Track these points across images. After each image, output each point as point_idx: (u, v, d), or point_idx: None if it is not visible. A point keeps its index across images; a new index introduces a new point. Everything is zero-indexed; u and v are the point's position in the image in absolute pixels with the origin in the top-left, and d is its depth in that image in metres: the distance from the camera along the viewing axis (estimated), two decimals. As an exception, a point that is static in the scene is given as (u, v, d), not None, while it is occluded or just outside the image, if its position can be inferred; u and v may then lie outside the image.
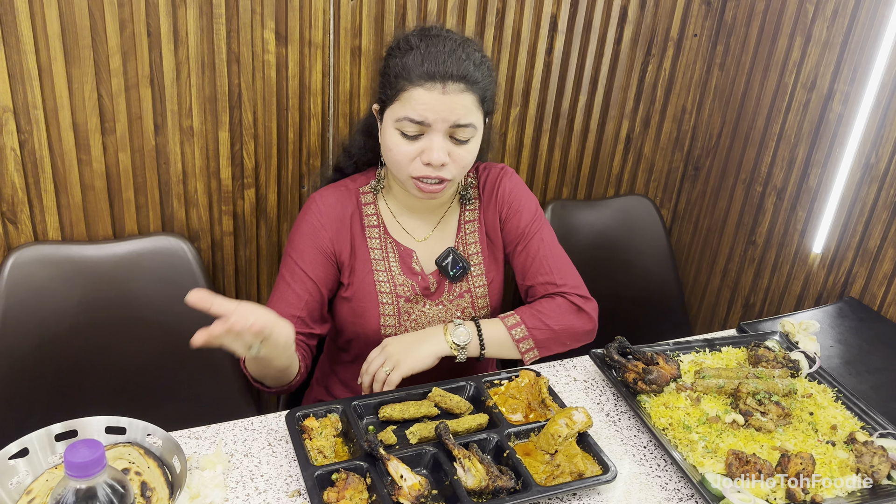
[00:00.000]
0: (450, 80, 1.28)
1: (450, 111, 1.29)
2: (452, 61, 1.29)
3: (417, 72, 1.28)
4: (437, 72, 1.27)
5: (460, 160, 1.34)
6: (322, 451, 1.16)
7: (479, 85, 1.32)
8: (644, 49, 2.04)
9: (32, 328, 1.58)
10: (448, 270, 1.48)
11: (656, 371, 1.35)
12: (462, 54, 1.31)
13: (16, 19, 1.42)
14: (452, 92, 1.28)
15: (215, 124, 1.67)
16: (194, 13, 1.55)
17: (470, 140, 1.34)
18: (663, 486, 1.19)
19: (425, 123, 1.29)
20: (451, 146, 1.32)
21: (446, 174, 1.33)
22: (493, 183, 1.53)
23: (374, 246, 1.46)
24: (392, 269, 1.46)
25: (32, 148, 1.53)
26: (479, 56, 1.34)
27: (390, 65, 1.34)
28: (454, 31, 1.40)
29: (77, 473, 0.76)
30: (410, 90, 1.29)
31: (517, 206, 1.52)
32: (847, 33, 1.73)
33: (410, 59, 1.30)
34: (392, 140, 1.33)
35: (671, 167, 2.28)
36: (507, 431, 1.21)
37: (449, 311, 1.49)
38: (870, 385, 1.47)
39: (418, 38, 1.33)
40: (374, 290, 1.45)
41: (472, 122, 1.32)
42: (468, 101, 1.31)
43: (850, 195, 1.76)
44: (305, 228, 1.43)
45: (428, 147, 1.31)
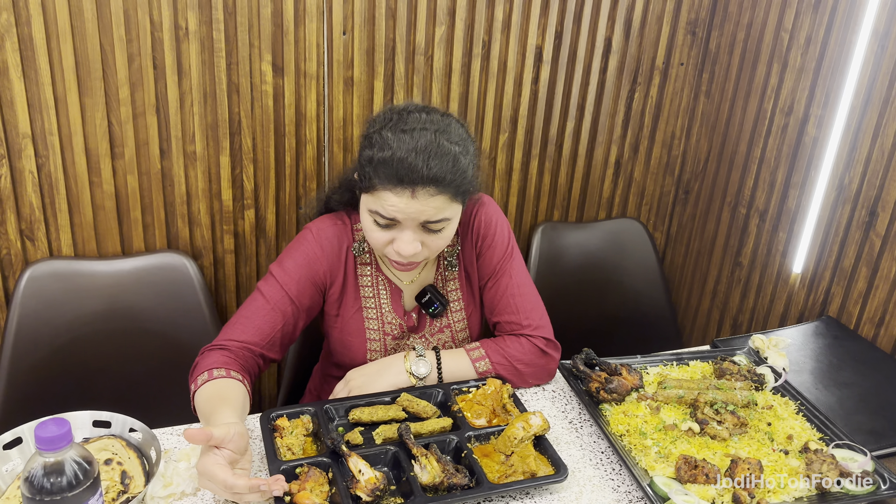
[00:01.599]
0: (419, 184, 1.25)
1: (419, 213, 1.28)
2: (423, 166, 1.25)
3: (387, 174, 1.26)
4: (406, 177, 1.25)
5: (434, 245, 1.36)
6: (291, 449, 1.24)
7: (453, 184, 1.29)
8: (630, 77, 2.12)
9: (45, 336, 1.70)
10: (427, 308, 1.52)
11: (617, 381, 1.41)
12: (433, 152, 1.26)
13: (34, 54, 1.57)
14: (422, 196, 1.27)
15: (217, 149, 1.80)
16: (196, 47, 1.69)
17: (444, 229, 1.34)
18: (615, 488, 1.25)
19: (395, 220, 1.30)
20: (423, 235, 1.33)
21: (418, 258, 1.36)
22: (469, 215, 1.52)
23: (366, 283, 1.50)
24: (382, 307, 1.50)
25: (49, 171, 1.68)
26: (452, 148, 1.29)
27: (364, 155, 1.32)
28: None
29: (45, 447, 0.86)
30: (381, 190, 1.28)
31: (490, 240, 1.51)
32: (819, 59, 1.79)
33: (382, 159, 1.27)
34: (367, 223, 1.35)
35: (662, 191, 2.34)
36: (467, 434, 1.28)
37: (430, 346, 1.55)
38: (836, 398, 1.50)
39: (392, 133, 1.29)
40: (361, 326, 1.50)
41: (444, 217, 1.31)
42: (439, 202, 1.29)
43: (825, 216, 1.81)
44: (300, 257, 1.44)
45: (399, 238, 1.32)
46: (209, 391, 1.27)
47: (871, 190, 1.68)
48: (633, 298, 2.26)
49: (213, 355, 1.35)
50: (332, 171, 1.92)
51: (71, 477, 0.88)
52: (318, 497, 1.12)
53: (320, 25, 1.77)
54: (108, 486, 1.11)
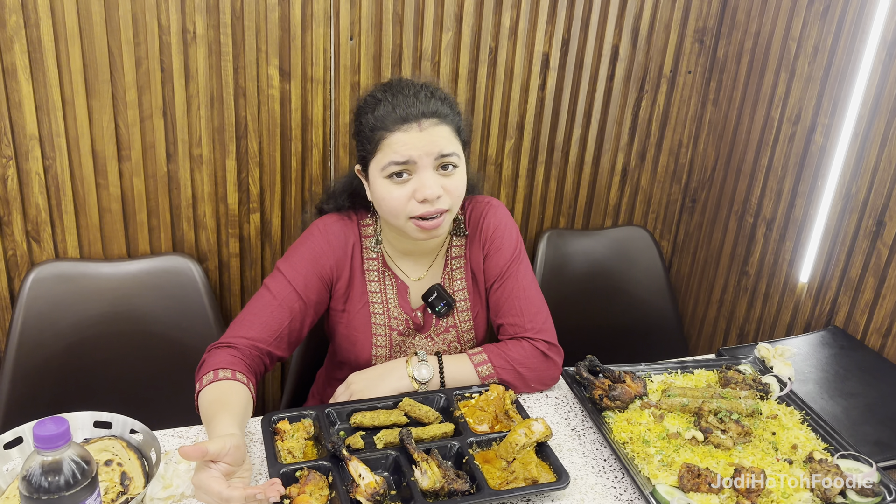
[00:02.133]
0: (423, 117, 1.34)
1: (431, 144, 1.34)
2: (420, 101, 1.35)
3: (391, 119, 1.34)
4: (409, 114, 1.33)
5: (454, 190, 1.38)
6: (291, 452, 1.24)
7: (450, 117, 1.38)
8: (637, 85, 2.12)
9: (50, 338, 1.71)
10: (434, 307, 1.53)
11: (621, 388, 1.40)
12: (425, 94, 1.37)
13: (43, 56, 1.58)
14: (428, 127, 1.34)
15: (223, 153, 1.80)
16: (204, 51, 1.69)
17: (457, 169, 1.39)
18: (617, 496, 1.24)
19: (410, 162, 1.34)
20: (441, 179, 1.37)
21: (443, 205, 1.37)
22: (479, 218, 1.55)
23: (372, 279, 1.51)
24: (388, 302, 1.51)
25: (55, 173, 1.68)
26: (441, 93, 1.41)
27: (363, 122, 1.39)
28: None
29: (44, 445, 0.86)
30: (389, 137, 1.34)
31: (499, 243, 1.54)
32: (827, 68, 1.79)
33: (382, 111, 1.35)
34: (383, 190, 1.37)
35: (669, 199, 2.33)
36: (469, 440, 1.28)
37: (436, 345, 1.55)
38: (841, 409, 1.49)
39: (382, 92, 1.39)
40: (368, 322, 1.51)
41: (453, 150, 1.37)
42: (444, 131, 1.36)
43: (832, 225, 1.80)
44: (307, 252, 1.46)
45: (420, 185, 1.35)
46: (212, 394, 1.27)
47: (878, 199, 1.67)
48: (639, 307, 2.25)
49: (220, 354, 1.35)
50: (337, 175, 1.92)
51: (69, 476, 0.88)
52: (317, 501, 1.12)
53: (327, 30, 1.78)
54: (108, 487, 1.11)
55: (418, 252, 1.53)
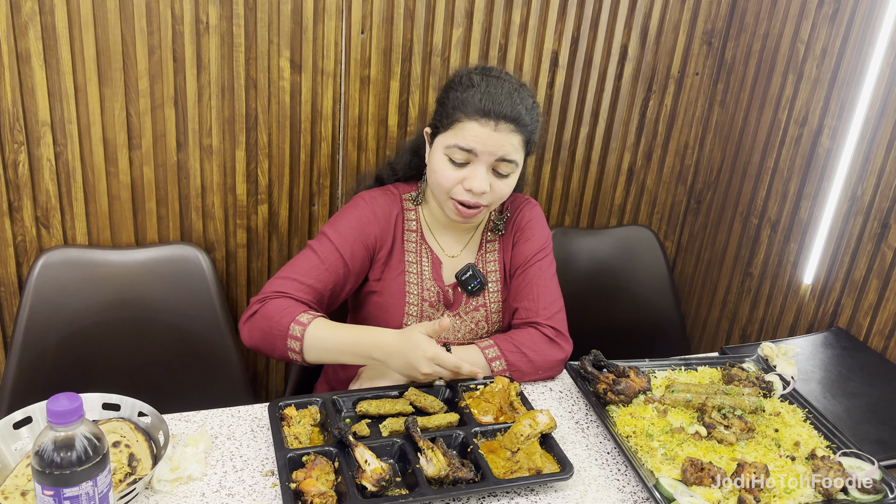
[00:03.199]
0: (502, 119, 1.40)
1: (497, 146, 1.41)
2: (508, 103, 1.41)
3: (474, 107, 1.40)
4: (492, 110, 1.40)
5: (498, 191, 1.46)
6: (298, 438, 1.25)
7: (528, 128, 1.45)
8: (645, 85, 2.13)
9: (57, 323, 1.72)
10: (466, 285, 1.58)
11: (625, 382, 1.41)
12: (517, 98, 1.43)
13: (57, 43, 1.59)
14: (503, 130, 1.41)
15: (233, 144, 1.81)
16: (216, 42, 1.71)
17: (510, 175, 1.47)
18: (620, 488, 1.24)
19: (473, 153, 1.41)
20: (492, 178, 1.44)
21: (484, 201, 1.46)
22: (515, 210, 1.65)
23: (410, 249, 1.57)
24: (423, 273, 1.57)
25: (66, 160, 1.69)
26: (531, 101, 1.47)
27: (450, 97, 1.45)
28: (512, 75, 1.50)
29: (57, 420, 0.87)
30: (465, 122, 1.41)
31: (529, 233, 1.62)
32: (835, 71, 1.80)
33: (470, 95, 1.42)
34: (439, 163, 1.45)
35: (675, 200, 2.34)
36: (474, 430, 1.29)
37: (464, 323, 1.59)
38: (844, 408, 1.49)
39: (480, 77, 1.45)
40: (402, 290, 1.55)
41: (515, 159, 1.45)
42: (515, 140, 1.43)
43: (837, 227, 1.81)
44: (353, 220, 1.53)
45: (471, 175, 1.43)
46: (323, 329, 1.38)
47: (883, 202, 1.68)
48: (643, 306, 2.26)
49: (281, 305, 1.41)
50: (345, 169, 1.93)
51: (81, 452, 0.88)
52: (323, 485, 1.13)
53: (339, 24, 1.79)
54: (116, 468, 1.12)
55: (455, 228, 1.60)
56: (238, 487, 1.15)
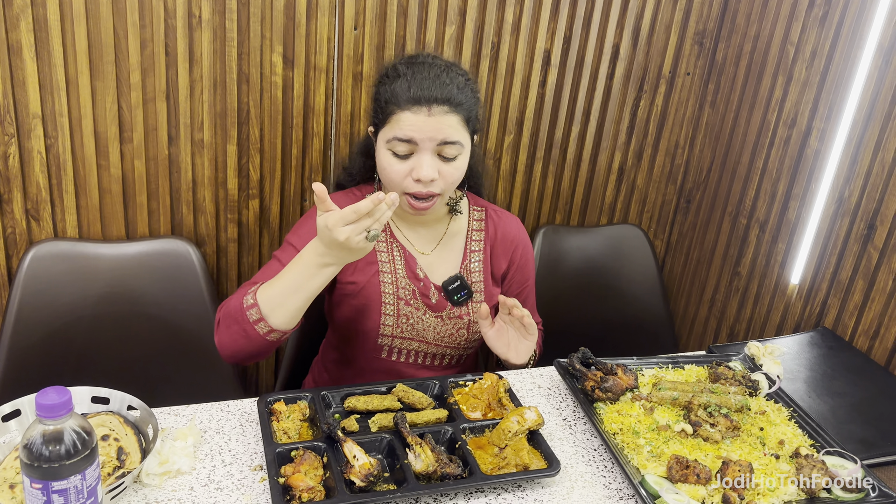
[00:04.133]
0: (434, 102, 1.39)
1: (436, 131, 1.39)
2: (437, 86, 1.39)
3: (404, 97, 1.39)
4: (422, 96, 1.38)
5: (448, 176, 1.44)
6: (287, 433, 1.25)
7: (464, 106, 1.42)
8: (636, 85, 2.14)
9: (46, 317, 1.72)
10: (453, 295, 1.57)
11: (612, 380, 1.42)
12: (446, 79, 1.41)
13: (48, 35, 1.59)
14: (437, 114, 1.39)
15: (224, 138, 1.81)
16: (209, 36, 1.71)
17: (457, 157, 1.44)
18: (606, 485, 1.26)
19: (413, 142, 1.40)
20: (439, 164, 1.42)
21: (435, 189, 1.43)
22: (509, 233, 1.65)
23: (381, 248, 1.56)
24: (397, 272, 1.55)
25: (57, 152, 1.69)
26: (462, 80, 1.44)
27: (380, 91, 1.45)
28: (440, 56, 1.51)
29: (46, 414, 0.87)
30: (398, 113, 1.40)
31: (524, 262, 1.68)
32: (824, 73, 1.81)
33: (398, 86, 1.41)
34: (385, 160, 1.44)
35: (664, 199, 2.35)
36: (462, 426, 1.29)
37: (445, 326, 1.58)
38: (828, 407, 1.51)
39: (405, 66, 1.44)
40: (378, 290, 1.54)
41: (457, 139, 1.42)
42: (453, 121, 1.41)
43: (825, 228, 1.82)
44: (314, 225, 1.46)
45: (417, 164, 1.41)
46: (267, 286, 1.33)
47: (870, 203, 1.70)
48: (632, 305, 2.27)
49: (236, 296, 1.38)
50: (337, 164, 1.94)
51: (69, 446, 0.89)
52: (312, 480, 1.13)
53: (332, 19, 1.79)
54: (104, 462, 1.12)
55: (420, 223, 1.58)
56: (227, 482, 1.16)
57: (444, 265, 1.59)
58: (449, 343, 1.59)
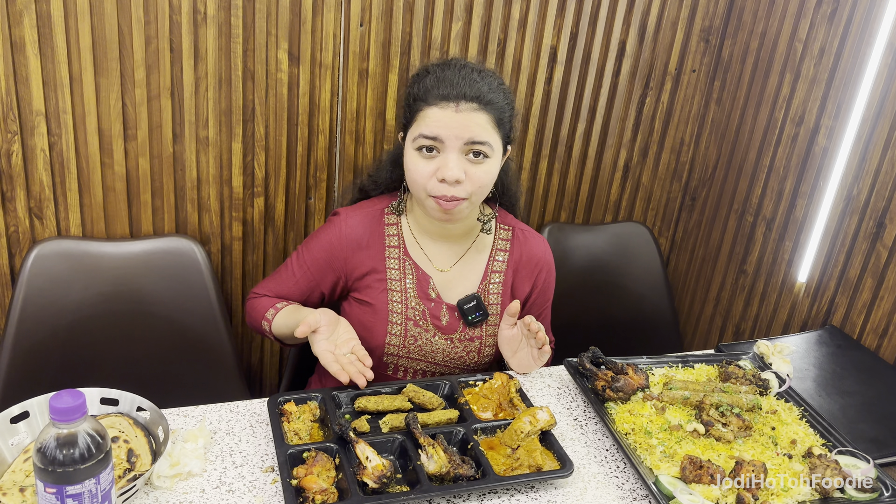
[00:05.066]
0: (462, 99, 1.35)
1: (463, 128, 1.35)
2: (466, 83, 1.36)
3: (433, 93, 1.37)
4: (450, 93, 1.35)
5: (477, 179, 1.39)
6: (298, 434, 1.24)
7: (494, 105, 1.38)
8: (642, 82, 2.13)
9: (50, 316, 1.70)
10: (468, 315, 1.53)
11: (623, 380, 1.41)
12: (477, 78, 1.38)
13: (52, 31, 1.57)
14: (465, 110, 1.35)
15: (229, 136, 1.80)
16: (214, 32, 1.69)
17: (486, 160, 1.39)
18: (619, 486, 1.25)
19: (439, 139, 1.36)
20: (467, 165, 1.37)
21: (461, 192, 1.38)
22: (535, 255, 1.60)
23: (392, 266, 1.51)
24: (407, 291, 1.51)
25: (61, 150, 1.67)
26: (495, 83, 1.41)
27: (409, 91, 1.43)
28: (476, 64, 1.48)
29: (60, 418, 0.86)
30: (426, 110, 1.37)
31: (547, 286, 1.64)
32: (832, 70, 1.80)
33: (427, 83, 1.39)
34: (411, 160, 1.40)
35: (669, 197, 2.35)
36: (474, 426, 1.28)
37: (455, 348, 1.54)
38: (839, 406, 1.51)
39: (436, 66, 1.43)
40: (385, 309, 1.50)
41: (486, 139, 1.37)
42: (481, 119, 1.37)
43: (833, 226, 1.82)
44: (324, 243, 1.53)
45: (443, 164, 1.36)
46: (284, 314, 1.49)
47: (879, 201, 1.69)
48: (636, 303, 2.27)
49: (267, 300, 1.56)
50: (343, 162, 1.92)
51: (83, 449, 0.88)
52: (324, 482, 1.12)
53: (338, 16, 1.77)
54: (115, 464, 1.11)
55: (444, 236, 1.53)
56: (238, 483, 1.15)
57: (462, 283, 1.55)
58: (458, 364, 1.56)
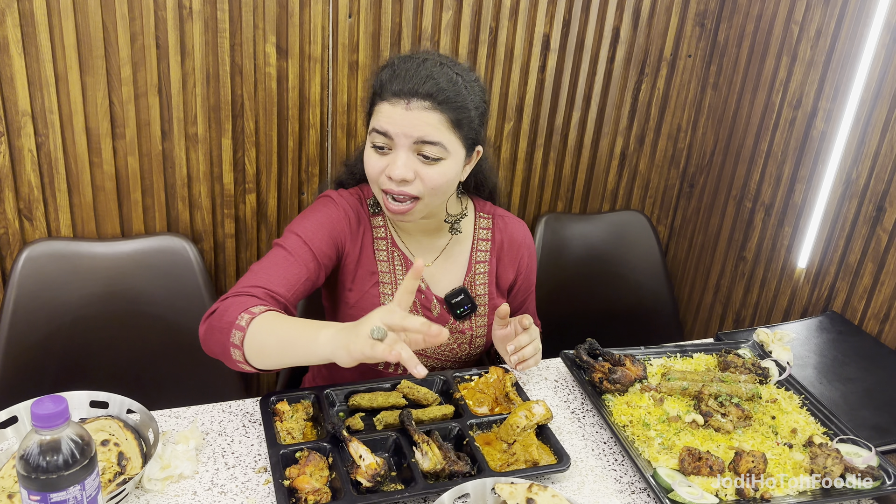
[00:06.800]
0: (414, 97, 1.29)
1: (412, 127, 1.29)
2: (419, 80, 1.29)
3: (387, 88, 1.31)
4: (402, 89, 1.29)
5: (429, 180, 1.32)
6: (291, 433, 1.23)
7: (450, 105, 1.30)
8: (637, 68, 2.10)
9: (42, 318, 1.68)
10: (456, 308, 1.50)
11: (621, 371, 1.39)
12: (437, 74, 1.31)
13: (35, 30, 1.55)
14: (416, 108, 1.29)
15: (219, 132, 1.77)
16: (200, 27, 1.66)
17: (440, 161, 1.32)
18: (618, 479, 1.23)
19: (388, 136, 1.31)
20: (417, 164, 1.32)
21: (411, 190, 1.33)
22: (516, 238, 1.57)
23: (382, 258, 1.48)
24: (398, 283, 1.48)
25: (48, 150, 1.65)
26: (459, 79, 1.33)
27: (373, 84, 1.38)
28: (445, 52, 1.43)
29: (42, 424, 0.84)
30: (380, 105, 1.33)
31: (529, 269, 1.62)
32: (829, 52, 1.77)
33: (385, 77, 1.33)
34: (367, 155, 1.36)
35: (667, 184, 2.32)
36: (469, 422, 1.27)
37: (447, 341, 1.52)
38: (840, 393, 1.49)
39: (399, 59, 1.36)
40: (377, 302, 1.47)
41: (438, 140, 1.30)
42: (433, 119, 1.30)
43: (832, 211, 1.79)
44: (324, 217, 1.42)
45: (392, 162, 1.32)
46: (267, 323, 1.16)
47: (878, 185, 1.67)
48: (636, 292, 2.25)
49: (240, 300, 1.23)
50: (335, 156, 1.90)
51: (67, 456, 0.86)
52: (317, 482, 1.11)
53: (326, 8, 1.75)
54: (105, 468, 1.10)
55: (422, 232, 1.51)
56: (230, 485, 1.13)
57: (446, 276, 1.53)
58: (449, 357, 1.54)
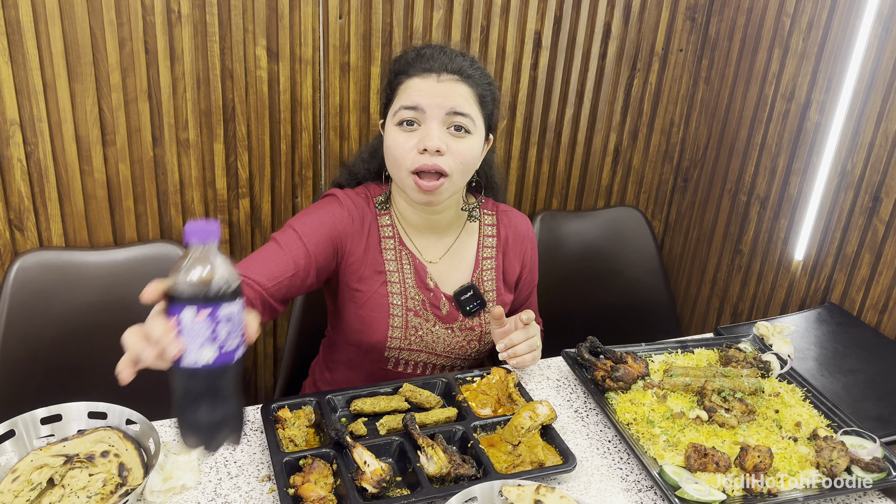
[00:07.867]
0: (444, 71, 1.36)
1: (444, 97, 1.33)
2: (447, 58, 1.37)
3: (415, 66, 1.37)
4: (432, 66, 1.36)
5: (459, 154, 1.35)
6: (293, 440, 1.21)
7: (475, 80, 1.38)
8: (629, 64, 2.10)
9: (35, 329, 1.66)
10: (465, 305, 1.50)
11: (623, 368, 1.39)
12: (457, 54, 1.39)
13: (22, 38, 1.52)
14: (447, 80, 1.36)
15: (210, 137, 1.76)
16: (189, 31, 1.64)
17: (468, 136, 1.36)
18: (624, 477, 1.23)
19: (420, 109, 1.33)
20: (448, 138, 1.34)
21: (443, 164, 1.33)
22: (520, 231, 1.59)
23: (389, 257, 1.48)
24: (406, 282, 1.48)
25: (38, 159, 1.63)
26: (475, 61, 1.42)
27: (391, 70, 1.42)
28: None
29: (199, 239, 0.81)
30: (407, 82, 1.37)
31: (533, 263, 1.63)
32: (822, 44, 1.77)
33: (408, 59, 1.39)
34: (392, 138, 1.36)
35: (661, 179, 2.32)
36: (473, 424, 1.26)
37: (456, 338, 1.52)
38: (842, 385, 1.49)
39: (416, 47, 1.43)
40: (385, 302, 1.46)
41: (468, 112, 1.35)
42: (463, 90, 1.36)
43: (828, 202, 1.79)
44: (325, 215, 1.42)
45: (425, 134, 1.33)
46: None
47: (874, 175, 1.67)
48: (632, 287, 2.24)
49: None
50: (328, 159, 1.89)
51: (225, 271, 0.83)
52: (322, 489, 1.10)
53: (316, 9, 1.73)
54: (106, 479, 1.08)
55: (430, 228, 1.50)
56: (234, 495, 1.12)
57: (454, 273, 1.52)
58: (459, 354, 1.54)
